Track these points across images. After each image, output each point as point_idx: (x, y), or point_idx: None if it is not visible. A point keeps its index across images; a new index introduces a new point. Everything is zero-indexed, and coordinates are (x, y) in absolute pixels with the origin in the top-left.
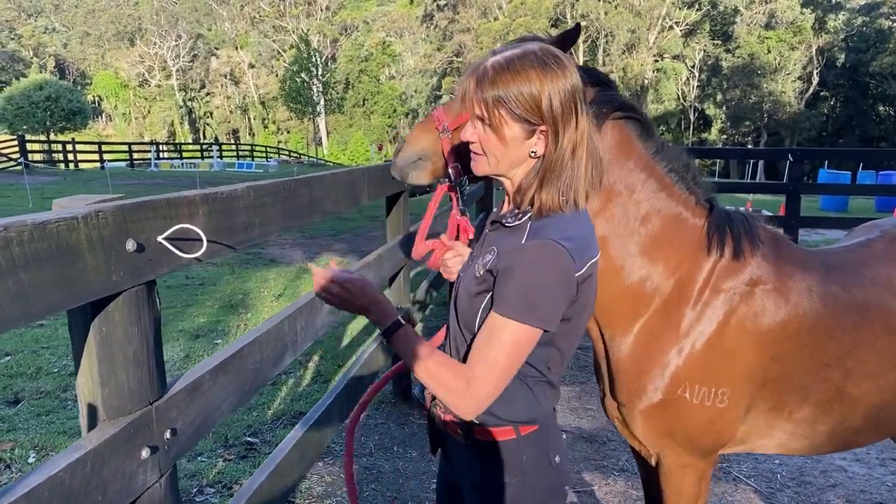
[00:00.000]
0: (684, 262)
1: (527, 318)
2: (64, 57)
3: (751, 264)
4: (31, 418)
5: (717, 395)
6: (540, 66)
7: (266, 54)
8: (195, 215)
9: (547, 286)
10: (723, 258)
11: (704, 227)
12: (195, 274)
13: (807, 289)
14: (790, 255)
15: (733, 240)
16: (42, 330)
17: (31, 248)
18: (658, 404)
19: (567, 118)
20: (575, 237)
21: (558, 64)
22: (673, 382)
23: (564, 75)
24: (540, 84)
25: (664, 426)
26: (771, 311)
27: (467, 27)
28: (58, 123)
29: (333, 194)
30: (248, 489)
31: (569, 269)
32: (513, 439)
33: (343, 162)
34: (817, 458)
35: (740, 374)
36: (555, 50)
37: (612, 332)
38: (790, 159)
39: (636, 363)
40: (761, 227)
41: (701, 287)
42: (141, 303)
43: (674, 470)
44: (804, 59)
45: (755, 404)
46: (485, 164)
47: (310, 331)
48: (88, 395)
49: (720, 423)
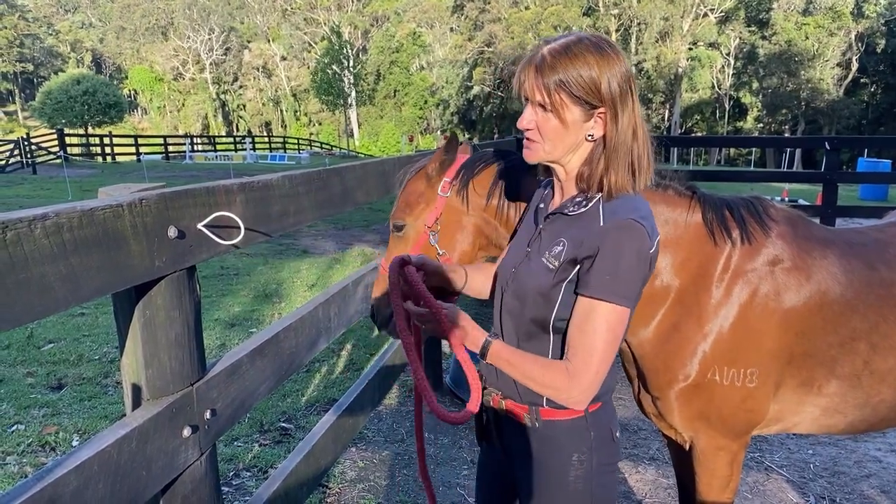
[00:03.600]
0: (693, 256)
1: (617, 298)
2: (100, 52)
3: (766, 245)
4: (74, 403)
5: (746, 374)
6: (596, 50)
7: (297, 46)
8: (233, 203)
9: (633, 265)
10: (735, 245)
11: (700, 218)
12: (230, 264)
13: (828, 265)
14: (809, 233)
15: (738, 225)
16: (83, 318)
17: (80, 233)
18: (690, 390)
19: (624, 100)
20: (647, 216)
21: (612, 49)
22: (702, 368)
23: (619, 59)
24: (598, 67)
25: (698, 410)
26: (792, 288)
27: (498, 17)
28: (95, 117)
29: (365, 184)
30: (284, 471)
31: (646, 246)
32: (581, 417)
33: (374, 153)
34: (851, 447)
35: (767, 353)
36: (606, 36)
37: (630, 331)
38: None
39: (662, 355)
40: (771, 207)
41: (719, 275)
42: (182, 287)
43: (708, 453)
44: (843, 45)
45: (784, 381)
46: (540, 151)
47: (343, 318)
48: (133, 376)
49: (751, 402)
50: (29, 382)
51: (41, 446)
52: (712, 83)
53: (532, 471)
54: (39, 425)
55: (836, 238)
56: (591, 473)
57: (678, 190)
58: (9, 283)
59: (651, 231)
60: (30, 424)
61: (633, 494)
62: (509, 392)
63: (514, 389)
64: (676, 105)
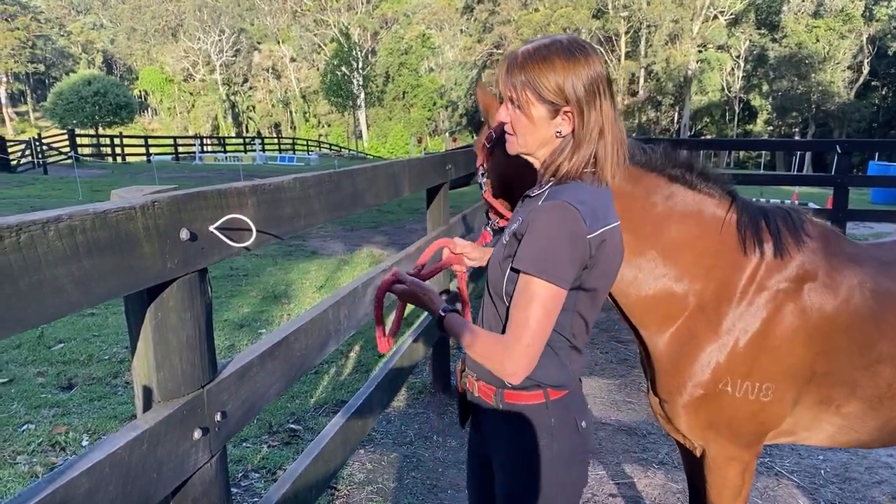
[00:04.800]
0: (720, 263)
1: (546, 276)
2: (111, 52)
3: (796, 260)
4: (84, 403)
5: (761, 389)
6: (566, 53)
7: (307, 48)
8: (244, 206)
9: (558, 242)
10: (765, 256)
11: (734, 226)
12: (239, 265)
13: (857, 284)
14: (840, 250)
15: (772, 237)
16: (93, 318)
17: (93, 235)
18: (699, 399)
19: (591, 101)
20: (588, 202)
21: (583, 52)
22: (714, 378)
23: (588, 63)
24: (564, 70)
25: (707, 419)
26: (819, 307)
27: (508, 19)
28: (105, 118)
29: (375, 186)
30: (293, 473)
31: (578, 228)
32: (542, 403)
33: (383, 155)
34: (863, 454)
35: (787, 370)
36: (582, 41)
37: (649, 332)
38: (838, 151)
39: (675, 361)
40: (808, 221)
41: (745, 286)
42: (194, 289)
43: (719, 462)
44: (854, 47)
45: (802, 399)
46: (515, 144)
47: (352, 319)
48: (144, 378)
49: (763, 416)
50: (39, 382)
51: (51, 446)
52: (722, 86)
53: (500, 452)
54: (50, 425)
55: (867, 256)
56: (553, 459)
57: (716, 194)
58: (22, 286)
59: (588, 216)
60: (40, 424)
61: (642, 499)
62: (482, 374)
63: (485, 371)
64: (686, 107)
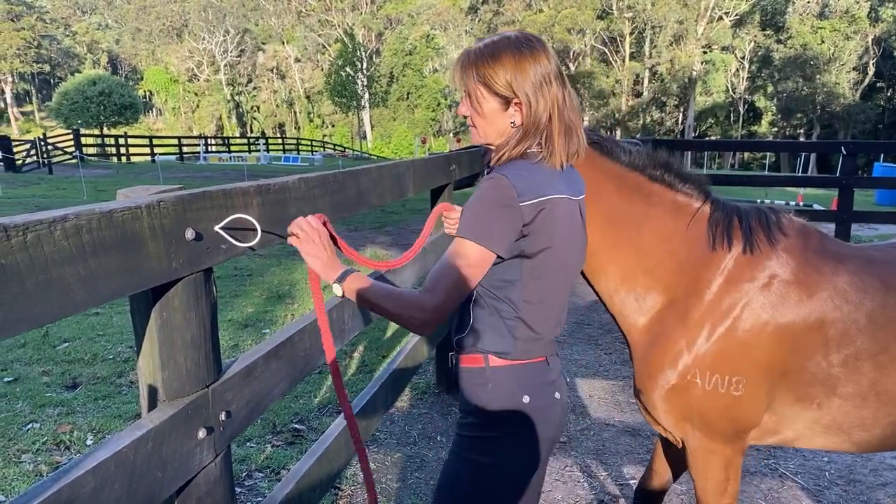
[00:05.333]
0: (691, 258)
1: (473, 236)
2: (116, 53)
3: (768, 257)
4: (89, 402)
5: (731, 383)
6: (514, 49)
7: (312, 48)
8: (249, 205)
9: (488, 207)
10: (734, 252)
11: (706, 223)
12: (243, 265)
13: (837, 281)
14: (822, 248)
15: (743, 234)
16: (98, 318)
17: (99, 235)
18: (671, 390)
19: (538, 91)
20: (524, 175)
21: (531, 48)
22: (683, 370)
23: (535, 57)
24: (512, 65)
25: (680, 411)
26: (790, 303)
27: (512, 19)
28: (110, 118)
29: (380, 187)
30: (297, 473)
31: (508, 194)
32: (481, 367)
33: (387, 155)
34: (867, 456)
35: (756, 364)
36: (532, 36)
37: (627, 325)
38: (843, 152)
39: (648, 352)
40: (786, 220)
41: (713, 281)
42: (199, 289)
43: (699, 455)
44: (859, 49)
45: (779, 394)
46: (476, 135)
47: (357, 320)
48: (149, 377)
49: (736, 410)
50: (44, 381)
51: (56, 445)
52: (727, 87)
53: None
54: (54, 424)
55: (854, 254)
56: (483, 427)
57: (692, 193)
58: (29, 285)
59: (521, 186)
60: (45, 423)
61: None
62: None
63: (452, 331)
64: (690, 108)
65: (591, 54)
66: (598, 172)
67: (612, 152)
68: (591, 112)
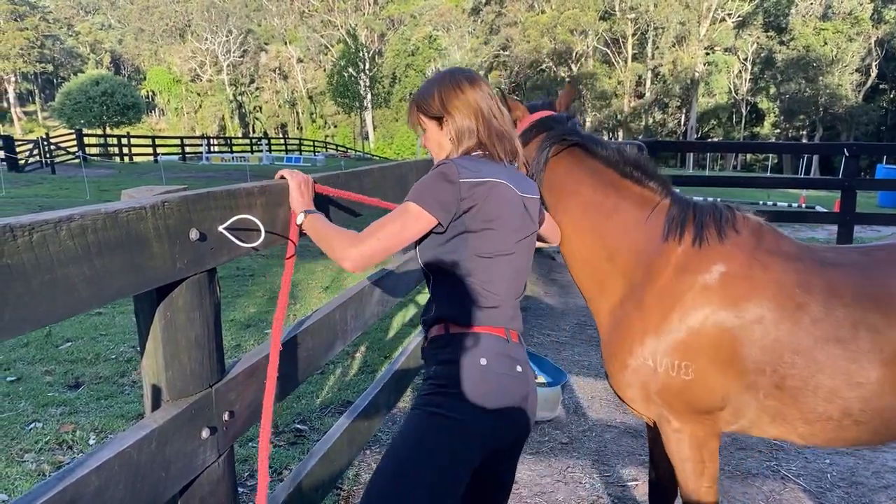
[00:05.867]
0: (648, 249)
1: (412, 197)
2: (119, 53)
3: (717, 251)
4: (91, 402)
5: (681, 367)
6: (438, 81)
7: (314, 49)
8: (253, 206)
9: (432, 179)
10: (684, 244)
11: (664, 217)
12: (245, 265)
13: (783, 280)
14: (775, 247)
15: (696, 228)
16: (100, 318)
17: (104, 235)
18: (630, 372)
19: (456, 107)
20: (465, 162)
21: (451, 77)
22: (637, 352)
23: (455, 83)
24: (437, 93)
25: (638, 391)
26: (733, 295)
27: (514, 21)
28: (113, 118)
29: (383, 187)
30: (300, 473)
31: (451, 170)
32: (442, 335)
33: (389, 156)
34: (869, 458)
35: (702, 351)
36: (456, 70)
37: (595, 307)
38: (846, 154)
39: (611, 336)
40: (741, 217)
41: (664, 271)
42: (203, 289)
43: (670, 436)
44: (862, 50)
45: (730, 383)
46: (434, 154)
47: (359, 320)
48: (153, 377)
49: (689, 394)
50: (47, 381)
51: (58, 444)
52: (729, 88)
53: None
54: (57, 423)
55: (805, 255)
56: (439, 385)
57: (656, 189)
58: (34, 285)
59: (463, 169)
60: (47, 422)
61: (647, 502)
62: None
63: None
64: (693, 110)
65: (594, 55)
66: (578, 168)
67: (591, 150)
68: (594, 113)
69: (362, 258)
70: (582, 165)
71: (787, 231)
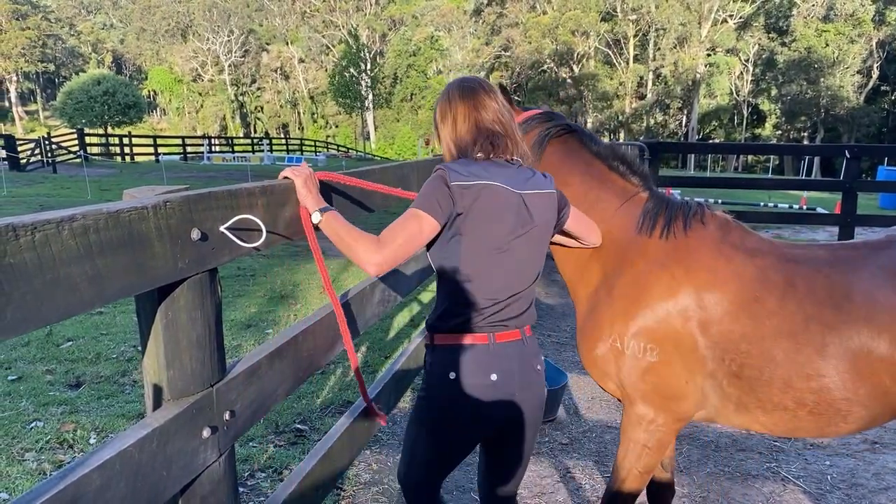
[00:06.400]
0: (622, 238)
1: (416, 204)
2: (121, 52)
3: (679, 243)
4: (92, 401)
5: (646, 349)
6: (441, 93)
7: (316, 49)
8: (254, 206)
9: (429, 186)
10: (653, 237)
11: (639, 211)
12: (246, 265)
13: (740, 273)
14: (739, 242)
15: (665, 221)
16: (101, 317)
17: (106, 235)
18: (600, 355)
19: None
20: (457, 166)
21: (445, 94)
22: (607, 334)
23: (446, 99)
24: (438, 103)
25: (605, 370)
26: (694, 285)
27: (515, 21)
28: (114, 117)
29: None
30: (300, 473)
31: (442, 176)
32: (428, 346)
33: (390, 156)
34: (870, 459)
35: (666, 336)
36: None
37: (574, 296)
38: (847, 156)
39: (585, 320)
40: (709, 213)
41: (633, 260)
42: (204, 289)
43: (629, 414)
44: (864, 52)
45: (694, 369)
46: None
47: (360, 321)
48: (154, 377)
49: (654, 377)
50: (48, 380)
51: (59, 443)
52: (730, 89)
53: None
54: (58, 422)
55: (768, 250)
56: (422, 398)
57: (638, 184)
58: (37, 284)
59: (454, 174)
60: (48, 421)
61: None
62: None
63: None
64: (694, 111)
65: (595, 56)
66: (571, 157)
67: (585, 142)
68: (595, 114)
69: (386, 262)
70: (574, 155)
71: (788, 232)
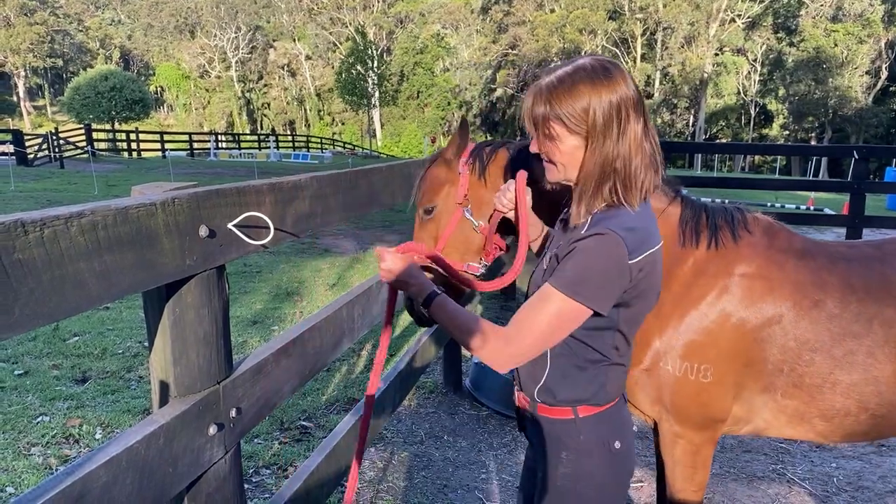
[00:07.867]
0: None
1: (574, 294)
2: (128, 48)
3: (732, 252)
4: (98, 396)
5: (699, 370)
6: (589, 80)
7: (322, 46)
8: (262, 203)
9: (599, 270)
10: (700, 248)
11: (677, 220)
12: (252, 262)
13: (798, 278)
14: (788, 245)
15: (709, 231)
16: (108, 312)
17: (115, 231)
18: (644, 374)
19: (609, 127)
20: (635, 228)
21: (607, 76)
22: (656, 356)
23: (611, 88)
24: (589, 98)
25: (652, 394)
26: (751, 296)
27: (523, 20)
28: (122, 113)
29: (391, 186)
30: (306, 469)
31: (619, 252)
32: (570, 419)
33: (396, 154)
34: (876, 462)
35: (721, 353)
36: (606, 61)
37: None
38: (855, 157)
39: None
40: (751, 219)
41: (681, 275)
42: (211, 286)
43: (668, 439)
44: (872, 52)
45: (746, 383)
46: (555, 172)
47: (366, 318)
48: (161, 373)
49: (706, 397)
50: (54, 375)
51: (65, 438)
52: (738, 89)
53: (538, 462)
54: (64, 417)
55: (819, 252)
56: (578, 476)
57: (668, 192)
58: (45, 280)
59: (631, 242)
60: (54, 416)
61: (651, 502)
62: (522, 384)
63: (526, 382)
64: (701, 110)
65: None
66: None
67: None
68: None
69: (513, 360)
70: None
71: None
